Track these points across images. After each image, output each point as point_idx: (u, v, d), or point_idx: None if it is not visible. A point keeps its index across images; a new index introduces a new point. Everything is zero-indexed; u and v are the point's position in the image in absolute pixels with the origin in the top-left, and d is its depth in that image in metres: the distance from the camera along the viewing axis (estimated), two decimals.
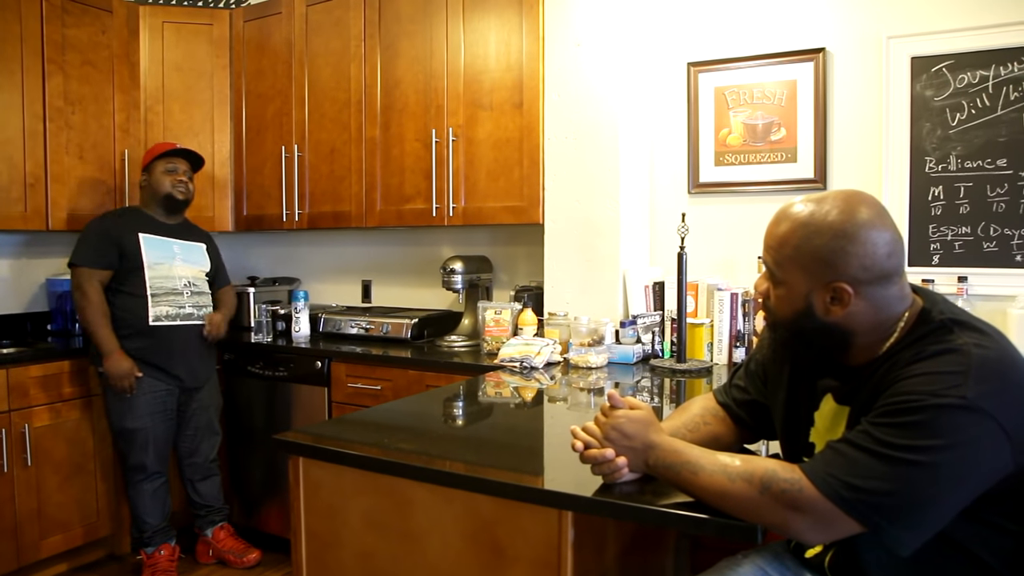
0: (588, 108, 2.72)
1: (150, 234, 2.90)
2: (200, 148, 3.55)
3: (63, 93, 3.21)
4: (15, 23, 3.05)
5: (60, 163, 3.21)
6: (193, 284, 2.97)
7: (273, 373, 3.11)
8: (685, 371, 2.41)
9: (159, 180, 2.93)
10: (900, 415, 1.02)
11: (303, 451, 1.52)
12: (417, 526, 1.39)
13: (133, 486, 2.83)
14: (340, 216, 3.31)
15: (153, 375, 2.84)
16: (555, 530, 1.25)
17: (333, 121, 3.31)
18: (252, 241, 4.01)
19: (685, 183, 2.87)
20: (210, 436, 3.03)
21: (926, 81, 2.49)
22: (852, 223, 1.10)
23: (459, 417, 1.96)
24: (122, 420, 2.81)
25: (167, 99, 3.53)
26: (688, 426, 1.38)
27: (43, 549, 2.88)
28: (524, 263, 3.26)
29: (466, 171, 2.97)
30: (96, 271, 2.78)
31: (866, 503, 1.00)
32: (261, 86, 3.53)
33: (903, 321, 1.14)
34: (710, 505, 1.12)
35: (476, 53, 2.93)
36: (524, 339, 2.63)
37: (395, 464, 1.39)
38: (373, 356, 2.87)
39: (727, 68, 2.78)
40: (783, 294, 1.17)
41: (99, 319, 2.76)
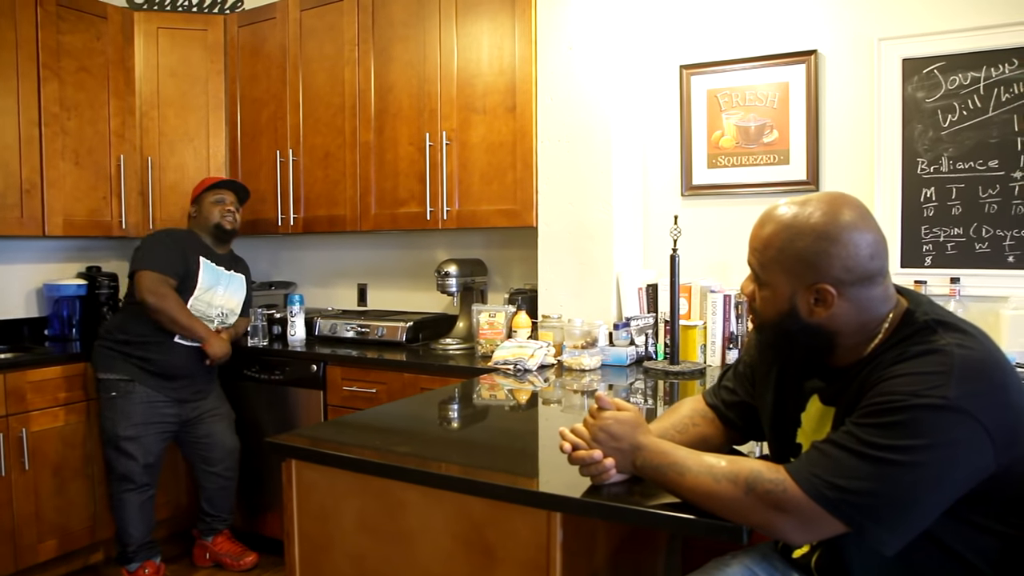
0: (580, 111, 2.73)
1: (209, 260, 2.96)
2: (195, 153, 3.58)
3: (59, 99, 3.22)
4: (10, 29, 3.06)
5: (56, 169, 3.22)
6: (225, 314, 3.03)
7: (269, 377, 3.11)
8: (678, 373, 2.41)
9: (208, 211, 2.99)
10: (883, 415, 1.02)
11: (296, 454, 1.53)
12: (409, 528, 1.40)
13: (119, 496, 2.82)
14: (335, 220, 3.32)
15: (151, 385, 2.85)
16: (544, 531, 1.25)
17: (327, 126, 3.33)
18: (249, 245, 4.01)
19: (678, 185, 2.89)
20: (224, 445, 3.02)
21: (918, 83, 2.51)
22: (835, 225, 1.11)
23: (451, 420, 1.97)
24: (115, 427, 2.81)
25: (162, 104, 3.55)
26: (677, 427, 1.38)
27: (41, 552, 2.89)
28: (519, 266, 3.27)
29: (460, 175, 2.98)
30: (168, 278, 2.80)
31: (849, 503, 1.01)
32: (256, 91, 3.54)
33: (887, 322, 1.15)
34: (696, 506, 1.13)
35: (469, 57, 2.95)
36: (518, 342, 2.64)
37: (386, 466, 1.40)
38: (368, 359, 2.88)
39: (719, 70, 2.79)
40: (768, 296, 1.18)
41: (184, 312, 2.81)
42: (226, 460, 3.02)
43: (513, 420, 2.01)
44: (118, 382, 2.84)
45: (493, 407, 2.13)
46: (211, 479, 3.02)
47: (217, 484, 3.03)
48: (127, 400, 2.83)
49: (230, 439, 3.03)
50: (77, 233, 3.33)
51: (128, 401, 2.83)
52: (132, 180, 3.49)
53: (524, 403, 2.18)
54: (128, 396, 2.83)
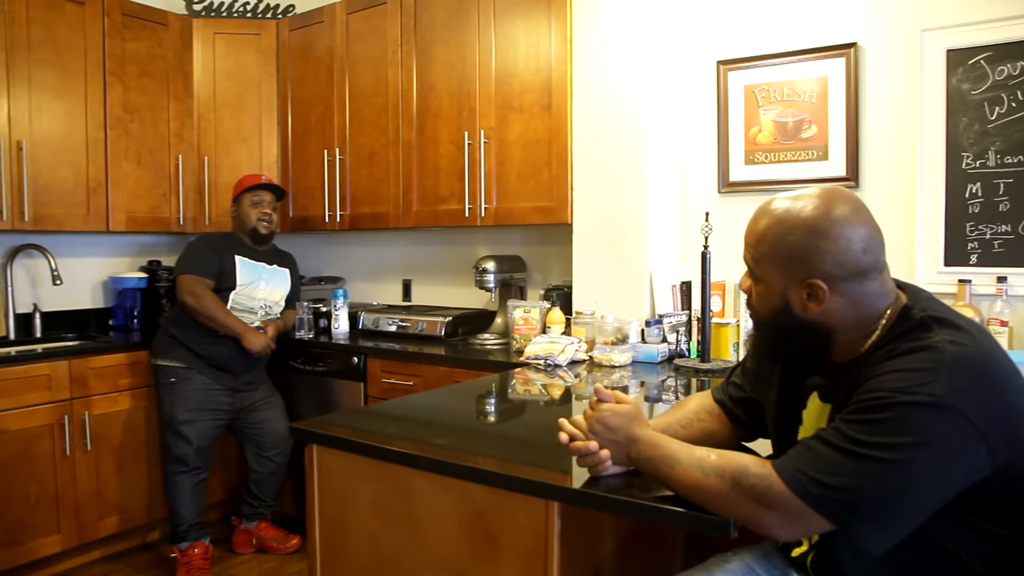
0: (615, 108, 2.74)
1: (245, 257, 3.11)
2: (249, 153, 3.73)
3: (122, 103, 3.41)
4: (80, 39, 3.26)
5: (119, 168, 3.40)
6: (268, 306, 3.17)
7: (313, 368, 3.23)
8: (708, 371, 2.40)
9: (246, 212, 3.13)
10: (869, 412, 1.02)
11: (316, 439, 1.60)
12: (418, 513, 1.46)
13: (173, 478, 2.98)
14: (379, 217, 3.41)
15: (207, 374, 3.00)
16: (542, 520, 1.29)
17: (372, 125, 3.42)
18: (298, 242, 4.15)
19: (715, 182, 2.87)
20: (276, 432, 3.14)
21: (963, 74, 2.43)
22: (826, 219, 1.11)
23: (473, 411, 2.02)
24: (173, 410, 2.97)
25: (218, 107, 3.71)
26: (681, 422, 1.40)
27: (102, 528, 3.09)
28: (557, 263, 3.30)
29: (497, 172, 3.03)
30: (203, 278, 2.97)
31: (833, 499, 1.01)
32: (305, 92, 3.66)
33: (885, 318, 1.14)
34: (686, 498, 1.15)
35: (506, 57, 2.99)
36: (550, 337, 2.67)
37: (396, 452, 1.46)
38: (405, 352, 2.96)
39: (757, 65, 2.76)
40: (762, 291, 1.19)
41: (219, 310, 2.96)
42: (278, 446, 3.15)
43: (534, 413, 2.05)
44: (177, 369, 2.99)
45: (517, 400, 2.17)
46: (264, 463, 3.15)
47: (268, 468, 3.16)
48: (185, 386, 2.98)
49: (282, 426, 3.16)
50: (138, 229, 3.52)
51: (186, 387, 2.98)
52: (189, 178, 3.66)
53: (549, 397, 2.21)
54: (186, 382, 2.99)
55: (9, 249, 3.35)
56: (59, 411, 2.95)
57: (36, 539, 2.88)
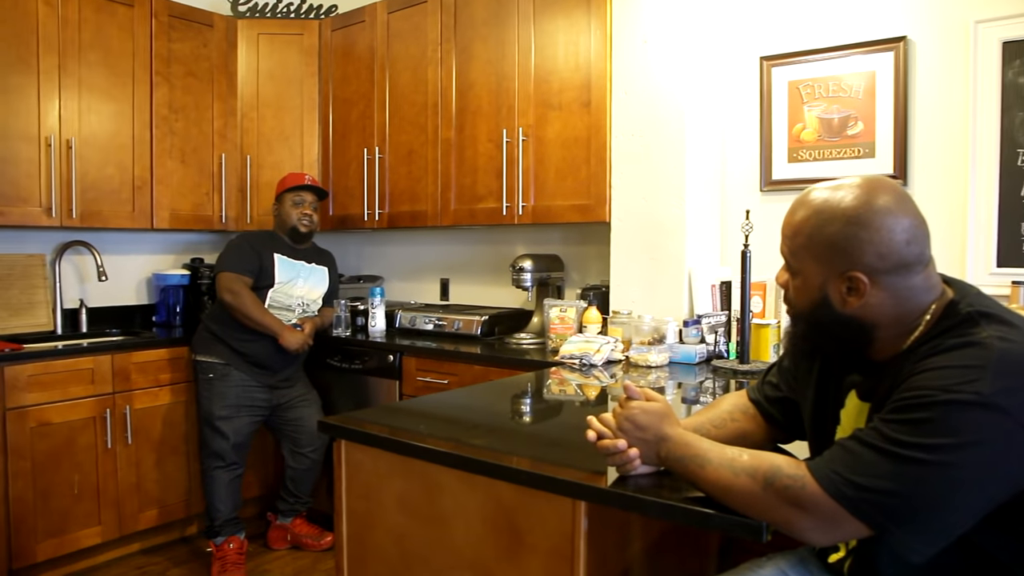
0: (655, 105, 2.69)
1: (284, 256, 3.14)
2: (290, 152, 3.77)
3: (168, 102, 3.48)
4: (128, 40, 3.33)
5: (164, 167, 3.47)
6: (306, 304, 3.20)
7: (349, 365, 3.24)
8: (747, 372, 2.34)
9: (287, 212, 3.17)
10: (910, 411, 0.97)
11: (344, 434, 1.60)
12: (444, 510, 1.44)
13: (209, 473, 3.01)
14: (417, 215, 3.42)
15: (245, 371, 3.04)
16: (569, 519, 1.26)
17: (411, 123, 3.43)
18: (337, 240, 4.19)
19: (757, 180, 2.80)
20: (313, 429, 3.13)
21: (1019, 67, 2.33)
22: (867, 209, 1.06)
23: (504, 409, 2.00)
24: (211, 406, 3.01)
25: (261, 106, 3.76)
26: (714, 422, 1.35)
27: (142, 521, 3.14)
28: (595, 262, 3.26)
29: (535, 170, 3.01)
30: (242, 276, 3.01)
31: (871, 503, 0.96)
32: (346, 91, 3.69)
33: (930, 314, 1.08)
34: (716, 500, 1.10)
35: (545, 54, 2.97)
36: (585, 337, 2.63)
37: (423, 448, 1.44)
38: (440, 351, 2.95)
39: (801, 61, 2.69)
40: (800, 285, 1.14)
41: (257, 308, 3.00)
42: (315, 443, 3.17)
43: (566, 412, 2.01)
44: (216, 365, 3.03)
45: (550, 399, 2.14)
46: (299, 459, 3.18)
47: (304, 465, 3.18)
48: (224, 382, 3.02)
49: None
50: (182, 227, 3.58)
51: (225, 383, 3.02)
52: (232, 177, 3.72)
53: (583, 397, 2.17)
54: (225, 379, 3.02)
55: (58, 246, 3.44)
56: (102, 404, 3.01)
57: (78, 530, 2.94)
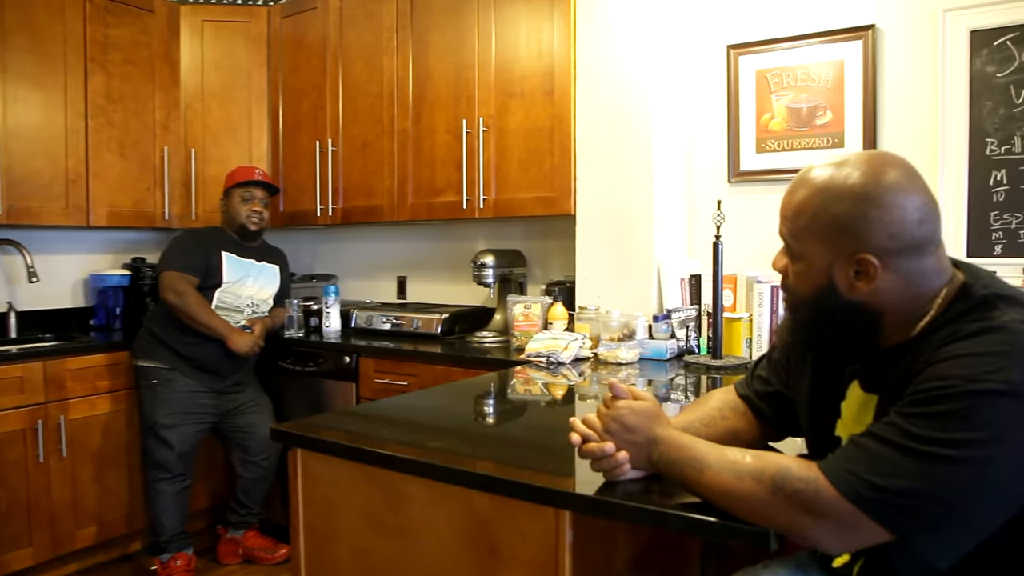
0: (621, 94, 2.61)
1: (232, 254, 2.96)
2: (238, 145, 3.59)
3: (104, 91, 3.26)
4: (59, 23, 3.11)
5: (101, 160, 3.26)
6: (256, 304, 3.02)
7: (303, 368, 3.08)
8: (721, 368, 2.27)
9: (236, 208, 2.99)
10: (932, 403, 0.88)
11: (300, 442, 1.46)
12: (412, 523, 1.31)
13: (153, 485, 2.83)
14: (373, 210, 3.27)
15: (191, 376, 2.86)
16: (552, 531, 1.15)
17: (366, 115, 3.28)
18: (289, 238, 4.00)
19: (725, 171, 2.74)
20: (264, 435, 2.98)
21: (987, 56, 2.30)
22: (876, 186, 0.97)
23: (470, 412, 1.88)
24: (154, 414, 2.83)
25: (206, 96, 3.56)
26: (703, 420, 1.26)
27: (79, 539, 2.92)
28: (559, 257, 3.17)
29: (497, 162, 2.90)
30: (187, 275, 2.82)
31: (892, 505, 0.88)
32: (297, 82, 3.53)
33: (940, 298, 1.00)
34: (718, 506, 1.01)
35: (507, 41, 2.86)
36: (552, 334, 2.53)
37: (387, 457, 1.32)
38: (399, 351, 2.82)
39: (769, 50, 2.63)
40: (802, 270, 1.05)
41: (203, 309, 2.81)
42: (266, 451, 3.01)
43: (538, 414, 1.91)
44: (159, 370, 2.85)
45: (518, 400, 2.04)
46: (250, 468, 3.00)
47: (255, 474, 3.01)
48: (167, 388, 2.84)
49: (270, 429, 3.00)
50: (121, 224, 3.37)
51: (168, 389, 2.84)
52: (176, 171, 3.52)
53: (553, 397, 2.07)
54: (169, 384, 2.84)
55: None
56: (32, 415, 2.78)
57: (7, 552, 2.70)
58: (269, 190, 3.08)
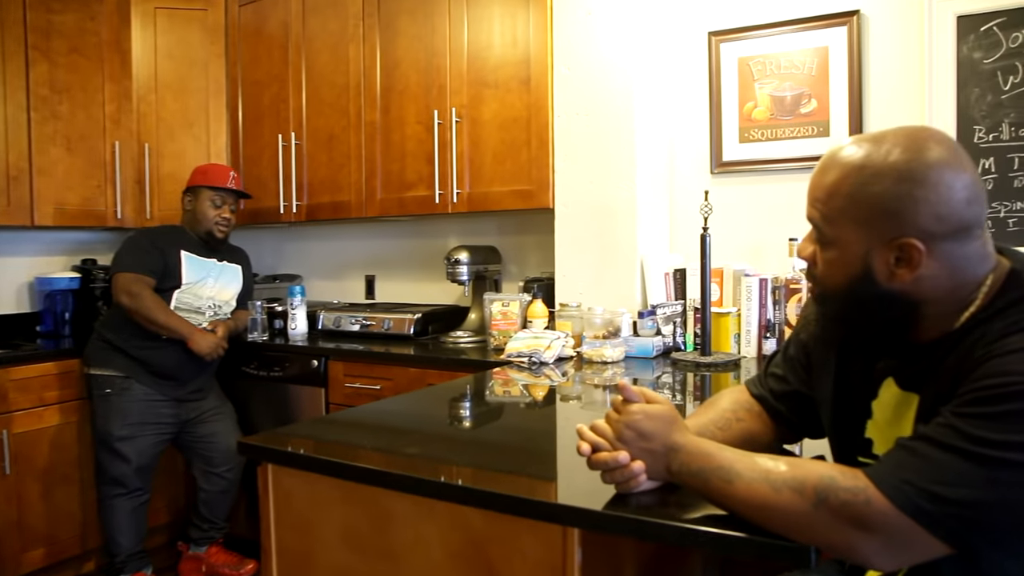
0: (601, 81, 2.50)
1: (192, 253, 2.79)
2: (195, 139, 3.40)
3: (48, 82, 3.06)
4: None
5: (46, 155, 3.05)
6: (218, 306, 2.85)
7: (268, 373, 2.92)
8: (710, 364, 2.18)
9: (203, 211, 2.81)
10: (995, 403, 0.79)
11: (271, 457, 1.32)
12: (399, 543, 1.19)
13: (108, 502, 2.65)
14: (339, 207, 3.12)
15: (149, 383, 2.69)
16: (559, 550, 1.03)
17: (331, 107, 3.13)
18: (252, 237, 3.82)
19: (707, 162, 2.65)
20: (228, 445, 2.81)
21: (974, 42, 2.25)
22: (921, 163, 0.88)
23: (454, 418, 1.76)
24: (109, 425, 2.64)
25: (160, 89, 3.37)
26: (718, 423, 1.15)
27: (25, 562, 2.71)
28: (535, 253, 3.06)
29: (470, 154, 2.77)
30: (144, 276, 2.65)
31: (956, 518, 0.78)
32: (257, 73, 3.35)
33: (986, 286, 0.91)
34: (750, 520, 0.90)
35: (480, 28, 2.73)
36: (533, 332, 2.42)
37: (372, 471, 1.19)
38: (371, 353, 2.68)
39: (751, 36, 2.56)
40: (834, 257, 0.95)
41: (161, 309, 2.64)
42: (230, 461, 2.84)
43: (525, 418, 1.79)
44: (113, 378, 2.67)
45: (503, 404, 1.92)
46: (214, 480, 2.83)
47: (219, 487, 2.84)
48: (123, 398, 2.66)
49: (234, 439, 2.84)
50: (70, 223, 3.16)
51: (124, 398, 2.66)
52: (128, 168, 3.32)
53: (539, 399, 1.96)
54: (124, 393, 2.66)
55: None
56: None
57: None
58: (238, 194, 2.92)
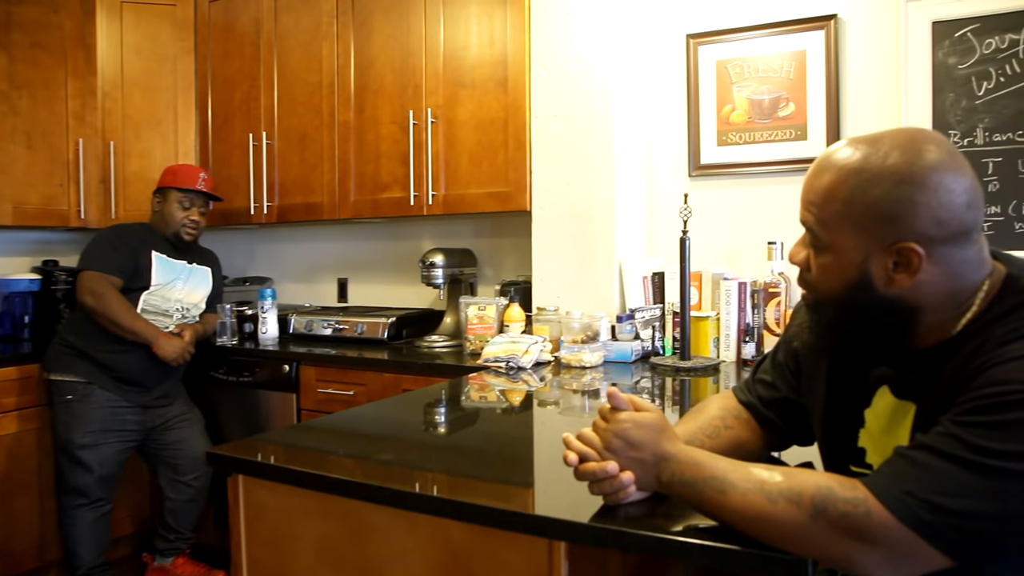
0: (579, 83, 2.48)
1: (162, 254, 2.71)
2: (162, 138, 3.32)
3: (7, 76, 2.96)
4: None
5: (5, 152, 2.95)
6: (186, 308, 2.78)
7: (237, 378, 2.84)
8: (690, 369, 2.16)
9: (172, 212, 2.73)
10: (998, 411, 0.77)
11: (242, 467, 1.27)
12: (378, 558, 1.14)
13: (69, 512, 2.56)
14: (312, 208, 3.06)
15: (112, 389, 2.60)
16: (545, 564, 1.00)
17: (304, 105, 3.07)
18: (222, 239, 3.73)
19: (685, 165, 2.64)
20: (196, 452, 2.73)
21: (949, 47, 2.27)
22: (920, 166, 0.85)
23: (432, 425, 1.71)
24: (70, 433, 2.55)
25: (127, 85, 3.27)
26: (706, 431, 1.13)
27: None
28: (511, 256, 3.02)
29: (446, 155, 2.73)
30: (110, 276, 2.56)
31: (958, 530, 0.76)
32: (228, 70, 3.28)
33: (983, 292, 0.89)
34: (744, 532, 0.87)
35: (456, 27, 2.69)
36: (510, 337, 2.38)
37: (349, 483, 1.14)
38: (344, 358, 2.62)
39: (729, 40, 2.55)
40: (829, 262, 0.92)
41: (125, 311, 2.56)
42: (197, 469, 2.76)
43: (503, 425, 1.75)
44: (75, 384, 2.58)
45: (481, 410, 1.88)
46: (180, 489, 2.75)
47: (186, 495, 2.76)
48: (85, 404, 2.57)
49: (202, 445, 2.76)
50: (30, 223, 3.06)
51: (86, 405, 2.57)
52: (92, 166, 3.22)
53: (516, 405, 1.92)
54: (86, 400, 2.57)
55: None
56: None
57: None
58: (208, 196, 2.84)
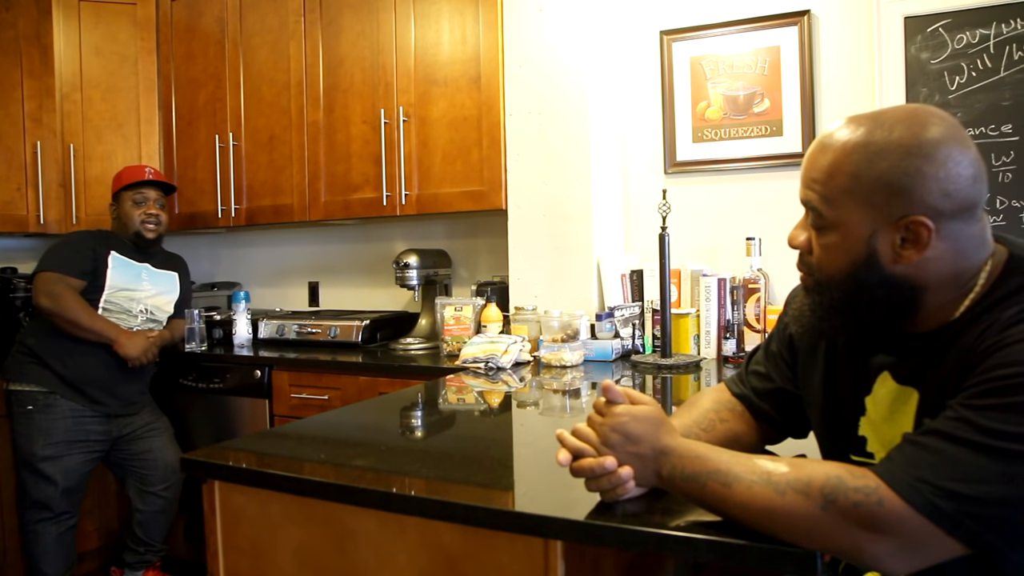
0: (554, 79, 2.45)
1: (124, 256, 2.62)
2: (125, 140, 3.22)
3: None
4: None
5: None
6: (151, 312, 2.68)
7: (207, 385, 2.76)
8: (671, 367, 2.14)
9: (128, 214, 2.64)
10: (1010, 393, 0.75)
11: (217, 473, 1.21)
12: (362, 564, 1.09)
13: (31, 527, 2.45)
14: (281, 210, 2.98)
15: (75, 398, 2.51)
16: (540, 565, 0.96)
17: (271, 106, 3.00)
18: (188, 243, 3.64)
19: (661, 162, 2.62)
20: (165, 462, 2.64)
21: (921, 43, 2.29)
22: (927, 138, 0.84)
23: (412, 428, 1.66)
24: (32, 445, 2.45)
25: (86, 86, 3.17)
26: (701, 424, 1.10)
27: None
28: (486, 256, 2.98)
29: (419, 154, 2.68)
30: (67, 278, 2.47)
31: (975, 516, 0.74)
32: (192, 71, 3.19)
33: (985, 272, 0.87)
34: (750, 526, 0.84)
35: (428, 24, 2.65)
36: (489, 337, 2.34)
37: (332, 486, 1.09)
38: (317, 362, 2.56)
39: (703, 36, 2.54)
40: (835, 241, 0.90)
41: (83, 310, 2.47)
42: (167, 479, 2.66)
43: (486, 426, 1.71)
44: (36, 394, 2.48)
45: (461, 412, 1.83)
46: (150, 500, 2.65)
47: (156, 506, 2.66)
48: (46, 414, 2.47)
49: (172, 454, 2.66)
50: None
51: (48, 416, 2.47)
52: (51, 170, 3.11)
53: (497, 406, 1.88)
54: (48, 410, 2.47)
55: None
56: None
57: None
58: (164, 189, 2.75)
